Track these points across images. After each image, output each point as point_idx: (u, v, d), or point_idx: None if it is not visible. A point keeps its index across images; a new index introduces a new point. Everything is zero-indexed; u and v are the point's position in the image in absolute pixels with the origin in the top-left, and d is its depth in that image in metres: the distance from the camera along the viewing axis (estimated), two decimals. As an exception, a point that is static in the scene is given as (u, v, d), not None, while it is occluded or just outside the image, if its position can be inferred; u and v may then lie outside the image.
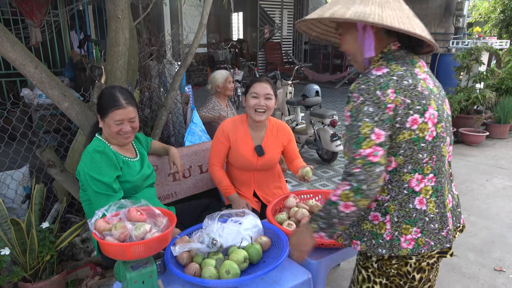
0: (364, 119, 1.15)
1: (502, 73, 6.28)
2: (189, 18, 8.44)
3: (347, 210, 1.19)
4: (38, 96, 4.52)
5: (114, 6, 2.21)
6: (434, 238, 1.26)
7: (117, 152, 1.89)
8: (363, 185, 1.14)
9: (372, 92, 1.16)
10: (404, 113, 1.16)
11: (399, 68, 1.21)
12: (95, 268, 2.33)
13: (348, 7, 1.17)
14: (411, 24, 1.16)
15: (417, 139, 1.19)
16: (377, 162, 1.15)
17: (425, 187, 1.24)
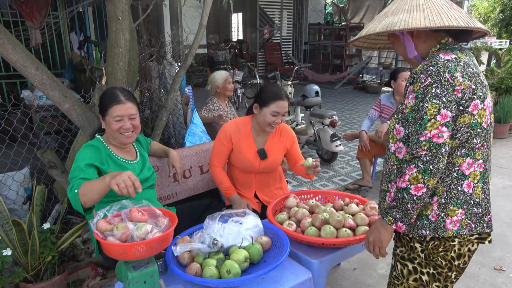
0: (432, 100, 1.20)
1: (501, 73, 6.29)
2: (189, 19, 8.45)
3: (419, 193, 1.24)
4: (39, 97, 4.53)
5: (114, 8, 2.21)
6: (475, 222, 1.31)
7: (113, 153, 1.88)
8: (430, 165, 1.21)
9: (441, 74, 1.21)
10: (469, 97, 1.22)
11: (464, 57, 1.27)
12: (96, 269, 2.34)
13: (380, 21, 1.33)
14: (440, 18, 1.23)
15: (475, 124, 1.25)
16: (442, 143, 1.21)
17: (474, 172, 1.29)
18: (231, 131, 2.30)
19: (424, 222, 1.31)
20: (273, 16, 11.51)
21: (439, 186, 1.30)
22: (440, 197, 1.30)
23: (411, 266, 1.40)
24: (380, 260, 2.74)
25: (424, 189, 1.23)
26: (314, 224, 1.88)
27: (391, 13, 1.33)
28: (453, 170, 1.28)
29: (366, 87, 10.04)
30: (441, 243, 1.32)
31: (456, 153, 1.27)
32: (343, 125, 6.51)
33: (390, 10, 1.35)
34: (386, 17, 1.32)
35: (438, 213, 1.30)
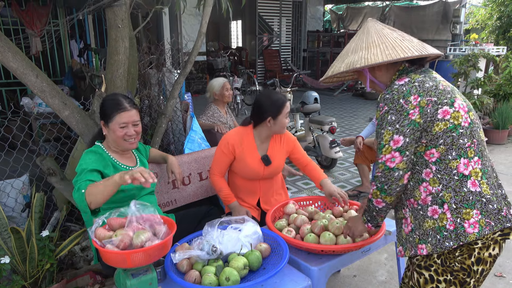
0: (387, 127, 1.31)
1: (499, 79, 6.32)
2: (188, 27, 8.51)
3: (379, 206, 1.41)
4: (38, 105, 4.54)
5: (114, 16, 2.23)
6: (494, 219, 1.29)
7: (115, 160, 1.89)
8: (385, 185, 1.34)
9: (396, 100, 1.31)
10: (434, 109, 1.29)
11: (418, 76, 1.35)
12: (95, 277, 2.33)
13: (343, 60, 1.45)
14: (396, 51, 1.34)
15: (453, 127, 1.29)
16: (394, 167, 1.31)
17: (474, 170, 1.30)
18: (234, 143, 2.28)
19: (444, 234, 1.29)
20: (272, 23, 11.59)
21: (445, 193, 1.30)
22: (450, 204, 1.29)
23: (428, 274, 1.37)
24: (380, 267, 2.74)
25: (383, 203, 1.39)
26: (313, 230, 1.87)
27: (351, 52, 1.44)
28: (452, 174, 1.29)
29: (365, 93, 10.07)
30: (462, 250, 1.30)
31: (448, 157, 1.29)
32: (342, 132, 6.53)
33: (350, 48, 1.47)
34: (347, 56, 1.44)
35: (454, 220, 1.28)
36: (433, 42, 10.82)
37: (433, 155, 1.31)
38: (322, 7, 13.06)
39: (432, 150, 1.30)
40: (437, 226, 1.31)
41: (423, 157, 1.32)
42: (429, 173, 1.32)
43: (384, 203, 1.38)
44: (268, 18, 11.40)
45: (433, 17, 10.75)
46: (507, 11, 8.45)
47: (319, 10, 12.75)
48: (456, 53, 7.45)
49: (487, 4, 9.66)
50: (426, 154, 1.32)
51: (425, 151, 1.32)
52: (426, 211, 1.34)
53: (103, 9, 2.28)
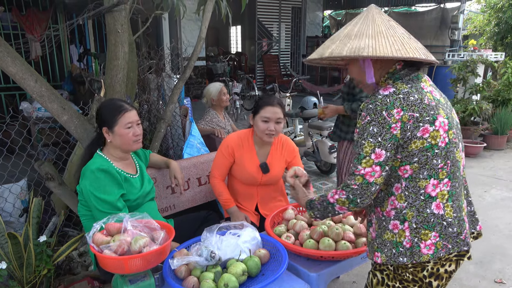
0: (368, 138, 1.25)
1: (498, 85, 6.34)
2: (188, 32, 8.54)
3: (341, 211, 1.40)
4: (37, 109, 4.54)
5: (113, 21, 2.24)
6: (452, 242, 1.29)
7: (120, 169, 1.88)
8: (358, 198, 1.30)
9: (379, 112, 1.25)
10: (414, 126, 1.24)
11: (405, 86, 1.28)
12: (93, 282, 2.31)
13: (345, 43, 1.29)
14: (404, 49, 1.24)
15: (430, 146, 1.25)
16: (373, 182, 1.27)
17: (441, 192, 1.28)
18: (234, 145, 2.29)
19: (399, 249, 1.30)
20: (272, 29, 11.64)
21: (408, 211, 1.29)
22: (410, 222, 1.29)
23: (380, 276, 1.40)
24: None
25: (346, 210, 1.37)
26: (313, 236, 1.86)
27: (354, 36, 1.30)
28: (419, 194, 1.28)
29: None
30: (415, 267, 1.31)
31: (419, 176, 1.27)
32: (341, 137, 6.52)
33: (353, 31, 1.32)
34: (350, 40, 1.29)
35: (411, 239, 1.29)
36: (431, 48, 10.86)
37: (406, 171, 1.28)
38: (321, 12, 13.13)
39: (406, 166, 1.28)
40: (395, 241, 1.31)
41: (397, 172, 1.30)
42: (399, 188, 1.31)
43: (347, 210, 1.36)
44: (267, 23, 11.45)
45: (432, 23, 10.80)
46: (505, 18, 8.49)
47: (318, 15, 12.82)
48: (455, 58, 7.48)
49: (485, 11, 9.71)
50: (400, 169, 1.29)
51: (400, 166, 1.29)
52: (388, 224, 1.33)
53: (103, 14, 2.29)
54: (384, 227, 1.34)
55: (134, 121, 1.85)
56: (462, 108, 5.83)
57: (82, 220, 1.92)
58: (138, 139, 1.88)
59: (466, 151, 5.55)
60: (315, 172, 4.77)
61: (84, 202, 1.84)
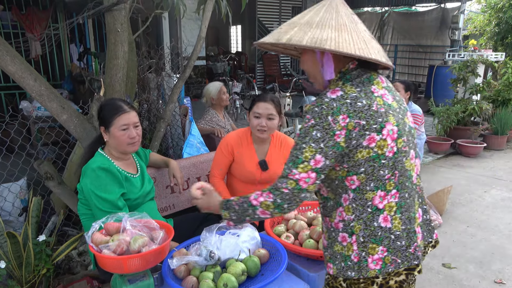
0: (310, 143, 1.17)
1: (498, 85, 6.34)
2: (188, 32, 8.53)
3: (262, 215, 1.27)
4: (37, 108, 4.54)
5: (113, 20, 2.24)
6: (401, 256, 1.23)
7: (121, 168, 1.87)
8: (285, 204, 1.21)
9: (324, 116, 1.16)
10: (360, 134, 1.16)
11: (353, 90, 1.19)
12: (92, 282, 2.31)
13: (305, 32, 1.16)
14: (367, 49, 1.16)
15: (376, 156, 1.18)
16: (305, 188, 1.19)
17: (389, 204, 1.22)
18: (233, 143, 2.30)
19: (348, 263, 1.25)
20: (272, 28, 11.63)
21: (355, 224, 1.23)
22: (358, 236, 1.23)
23: None
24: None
25: (269, 215, 1.25)
26: (312, 236, 1.86)
27: (316, 25, 1.17)
28: (366, 206, 1.22)
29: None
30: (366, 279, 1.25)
31: (366, 188, 1.21)
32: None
33: (314, 19, 1.19)
34: (311, 28, 1.16)
35: (359, 253, 1.23)
36: (431, 48, 10.87)
37: (353, 182, 1.21)
38: (322, 12, 13.11)
39: (353, 176, 1.21)
40: (344, 254, 1.26)
41: (344, 183, 1.23)
42: (347, 199, 1.24)
43: (270, 215, 1.25)
44: (267, 23, 11.45)
45: (432, 23, 10.79)
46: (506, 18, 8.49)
47: (319, 15, 12.79)
48: (455, 59, 7.47)
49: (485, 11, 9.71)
50: (347, 179, 1.22)
51: (347, 176, 1.22)
52: (337, 235, 1.27)
53: (103, 13, 2.28)
54: (333, 238, 1.29)
55: (130, 123, 1.82)
56: (462, 108, 5.83)
57: (82, 219, 1.92)
58: (133, 142, 1.84)
59: (466, 151, 5.57)
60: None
61: (84, 200, 1.83)
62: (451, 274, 2.76)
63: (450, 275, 2.75)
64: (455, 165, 5.24)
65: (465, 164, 5.30)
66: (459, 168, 5.12)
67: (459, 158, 5.57)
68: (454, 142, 5.68)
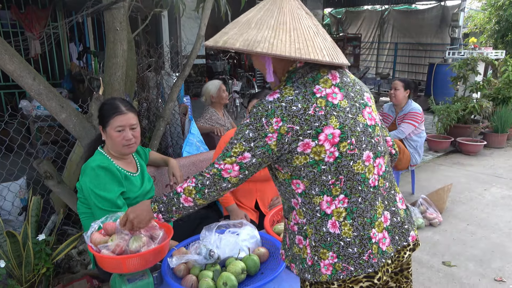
0: (241, 141, 1.16)
1: (498, 83, 6.33)
2: (188, 30, 8.51)
3: (186, 204, 1.25)
4: (36, 107, 4.53)
5: (112, 19, 2.23)
6: (353, 263, 1.18)
7: (120, 167, 1.87)
8: (206, 189, 1.21)
9: (259, 117, 1.14)
10: (293, 140, 1.13)
11: (291, 93, 1.15)
12: (92, 281, 2.31)
13: (241, 33, 1.12)
14: (306, 47, 1.10)
15: (314, 162, 1.14)
16: (226, 178, 1.19)
17: (337, 209, 1.17)
18: None
19: (304, 266, 1.23)
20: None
21: (308, 228, 1.21)
22: (310, 240, 1.20)
23: None
24: (379, 271, 2.71)
25: (192, 203, 1.24)
26: (312, 235, 1.86)
27: (255, 25, 1.13)
28: (315, 210, 1.18)
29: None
30: (322, 285, 1.23)
31: (312, 192, 1.17)
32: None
33: (255, 18, 1.15)
34: (249, 28, 1.13)
35: (312, 257, 1.21)
36: (432, 46, 10.86)
37: (298, 186, 1.19)
38: (321, 10, 13.09)
39: (297, 180, 1.18)
40: (301, 256, 1.24)
41: (290, 186, 1.21)
42: (296, 203, 1.22)
43: (193, 204, 1.24)
44: (267, 21, 11.41)
45: (432, 21, 10.78)
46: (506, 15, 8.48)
47: (318, 13, 12.78)
48: (455, 56, 7.46)
49: (485, 8, 9.70)
50: (292, 183, 1.20)
51: (291, 179, 1.19)
52: (295, 238, 1.26)
53: (102, 12, 2.28)
54: (292, 240, 1.28)
55: (126, 125, 1.79)
56: (462, 106, 5.82)
57: (81, 218, 1.92)
58: (128, 144, 1.81)
59: (466, 149, 5.57)
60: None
61: (84, 199, 1.83)
62: (451, 272, 2.76)
63: (450, 273, 2.75)
64: (455, 163, 5.24)
65: (465, 162, 5.30)
66: (459, 166, 5.12)
67: (459, 156, 5.57)
68: (454, 140, 5.68)
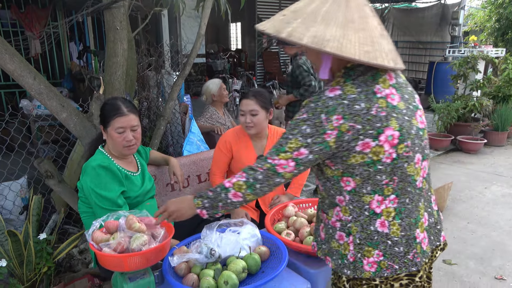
0: (298, 136, 1.14)
1: (498, 81, 6.33)
2: (188, 29, 8.51)
3: (234, 199, 1.24)
4: (37, 107, 4.53)
5: (112, 18, 2.23)
6: (398, 262, 1.20)
7: (120, 167, 1.87)
8: (258, 184, 1.20)
9: (317, 113, 1.13)
10: (353, 138, 1.11)
11: (353, 90, 1.13)
12: (93, 280, 2.31)
13: (308, 27, 1.07)
14: (374, 51, 1.08)
15: (371, 162, 1.13)
16: (281, 173, 1.18)
17: (387, 209, 1.18)
18: (231, 140, 2.31)
19: (344, 261, 1.24)
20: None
21: (352, 225, 1.20)
22: (355, 237, 1.21)
23: None
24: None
25: (241, 199, 1.23)
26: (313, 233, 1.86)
27: (321, 19, 1.08)
28: (363, 209, 1.18)
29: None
30: (363, 280, 1.24)
31: (362, 191, 1.17)
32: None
33: (320, 11, 1.09)
34: (315, 23, 1.08)
35: (355, 254, 1.21)
36: (432, 44, 10.84)
37: (349, 183, 1.18)
38: (321, 9, 13.07)
39: (348, 177, 1.17)
40: (341, 252, 1.24)
41: (339, 183, 1.20)
42: (342, 201, 1.21)
43: (242, 199, 1.22)
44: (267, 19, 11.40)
45: (432, 19, 10.75)
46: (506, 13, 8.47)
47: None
48: (455, 55, 7.45)
49: (485, 6, 9.68)
50: (342, 180, 1.19)
51: (342, 176, 1.18)
52: (335, 233, 1.26)
53: (102, 11, 2.28)
54: (331, 235, 1.27)
55: (127, 126, 1.79)
56: (463, 105, 5.82)
57: (82, 217, 1.92)
58: (129, 145, 1.81)
59: (466, 148, 5.57)
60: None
61: (85, 198, 1.83)
62: (452, 270, 2.76)
63: (451, 271, 2.75)
64: (455, 162, 5.24)
65: (465, 160, 5.30)
66: (459, 165, 5.12)
67: (459, 154, 5.57)
68: (455, 139, 5.68)
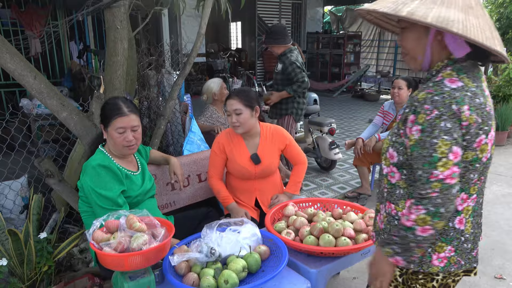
0: (442, 136, 1.05)
1: (498, 81, 6.33)
2: (188, 28, 8.50)
3: (425, 234, 1.12)
4: (37, 106, 4.53)
5: (112, 17, 2.23)
6: (464, 258, 1.23)
7: (121, 166, 1.87)
8: (441, 208, 1.08)
9: (447, 105, 1.05)
10: (475, 132, 1.09)
11: (472, 84, 1.11)
12: (93, 279, 2.31)
13: (430, 7, 1.03)
14: (493, 39, 1.04)
15: (476, 160, 1.13)
16: (454, 184, 1.08)
17: (467, 207, 1.20)
18: (224, 142, 2.33)
19: None
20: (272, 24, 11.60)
21: None
22: None
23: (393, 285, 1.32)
24: (380, 269, 2.72)
25: (432, 231, 1.12)
26: (313, 233, 1.86)
27: (441, 1, 1.04)
28: None
29: (364, 95, 10.08)
30: (422, 273, 1.25)
31: None
32: (341, 133, 6.52)
33: None
34: (435, 4, 1.04)
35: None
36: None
37: None
38: (322, 8, 13.07)
39: None
40: None
41: None
42: None
43: (433, 230, 1.11)
44: (267, 19, 11.40)
45: (433, 19, 10.75)
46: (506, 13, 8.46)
47: (319, 11, 12.76)
48: (456, 54, 7.44)
49: (486, 6, 9.67)
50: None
51: None
52: None
53: (102, 11, 2.28)
54: (395, 226, 1.24)
55: (128, 126, 1.79)
56: (463, 104, 5.83)
57: (83, 216, 1.92)
58: (129, 145, 1.81)
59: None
60: (316, 168, 4.76)
61: (85, 198, 1.84)
62: (452, 269, 2.77)
63: (451, 270, 2.76)
64: (455, 161, 5.23)
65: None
66: (459, 164, 5.12)
67: (459, 154, 5.56)
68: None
